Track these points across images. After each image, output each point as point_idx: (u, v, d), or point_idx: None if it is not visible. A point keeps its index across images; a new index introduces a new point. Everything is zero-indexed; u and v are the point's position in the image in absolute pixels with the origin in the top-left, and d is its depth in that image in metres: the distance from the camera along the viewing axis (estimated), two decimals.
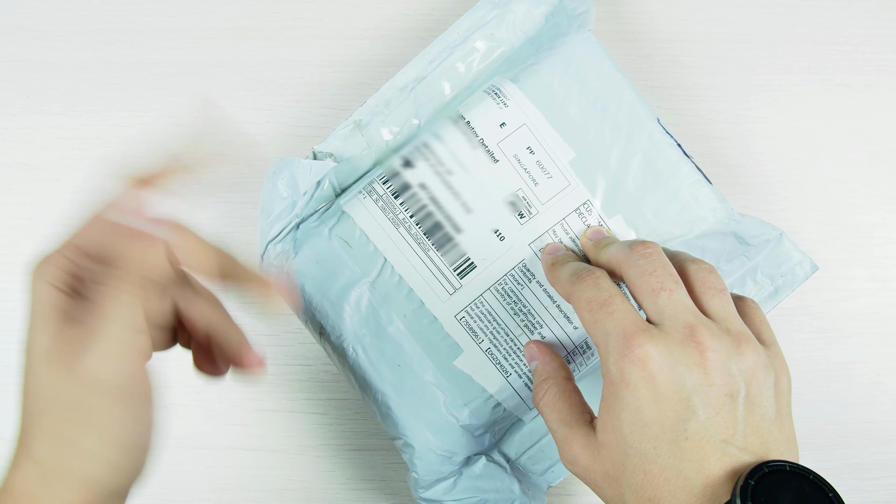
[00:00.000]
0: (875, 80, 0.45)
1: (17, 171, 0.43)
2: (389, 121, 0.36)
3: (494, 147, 0.35)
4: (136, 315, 0.26)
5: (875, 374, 0.43)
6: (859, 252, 0.44)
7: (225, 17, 0.45)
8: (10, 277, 0.43)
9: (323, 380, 0.42)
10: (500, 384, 0.35)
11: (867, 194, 0.44)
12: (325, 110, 0.44)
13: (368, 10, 0.45)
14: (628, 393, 0.27)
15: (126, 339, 0.25)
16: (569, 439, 0.30)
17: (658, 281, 0.28)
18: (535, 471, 0.37)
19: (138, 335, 0.26)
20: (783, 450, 0.26)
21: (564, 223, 0.34)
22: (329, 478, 0.42)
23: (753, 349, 0.27)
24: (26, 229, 0.43)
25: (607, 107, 0.35)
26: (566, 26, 0.37)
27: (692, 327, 0.27)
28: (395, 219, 0.34)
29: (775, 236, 0.36)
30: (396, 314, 0.34)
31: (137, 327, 0.26)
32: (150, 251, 0.27)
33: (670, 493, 0.25)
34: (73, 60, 0.44)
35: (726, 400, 0.26)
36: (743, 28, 0.45)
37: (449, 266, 0.34)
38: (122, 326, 0.25)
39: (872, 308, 0.44)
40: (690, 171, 0.35)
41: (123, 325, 0.25)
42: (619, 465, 0.27)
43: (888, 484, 0.42)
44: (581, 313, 0.29)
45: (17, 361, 0.42)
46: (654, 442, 0.26)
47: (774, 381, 0.27)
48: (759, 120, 0.45)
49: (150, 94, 0.44)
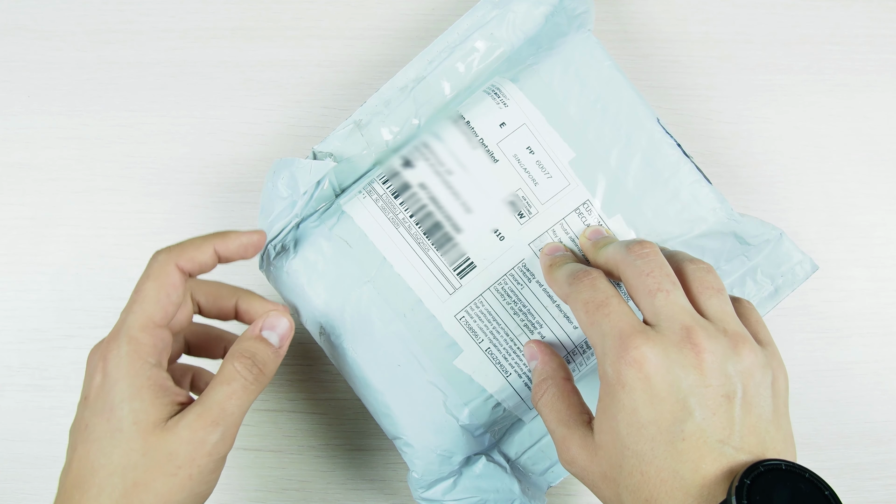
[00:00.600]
0: (875, 80, 0.45)
1: (17, 171, 0.43)
2: (389, 121, 0.36)
3: (494, 147, 0.35)
4: (249, 395, 0.30)
5: (875, 374, 0.43)
6: (859, 252, 0.44)
7: (225, 17, 0.45)
8: (10, 278, 0.43)
9: (323, 380, 0.42)
10: (499, 384, 0.35)
11: (867, 194, 0.44)
12: (325, 110, 0.44)
13: (368, 10, 0.45)
14: (625, 394, 0.27)
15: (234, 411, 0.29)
16: (567, 440, 0.30)
17: (655, 282, 0.28)
18: (535, 471, 0.37)
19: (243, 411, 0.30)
20: (780, 449, 0.26)
21: (564, 223, 0.34)
22: (329, 478, 0.42)
23: (750, 349, 0.27)
24: (26, 229, 0.43)
25: (607, 107, 0.35)
26: (566, 26, 0.37)
27: (688, 328, 0.27)
28: (394, 218, 0.34)
29: (775, 236, 0.36)
30: (396, 314, 0.34)
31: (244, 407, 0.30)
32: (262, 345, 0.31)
33: (667, 494, 0.25)
34: (73, 60, 0.44)
35: (723, 400, 0.26)
36: (743, 28, 0.45)
37: (449, 266, 0.34)
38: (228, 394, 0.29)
39: (872, 308, 0.44)
40: (690, 171, 0.35)
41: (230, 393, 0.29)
42: (616, 466, 0.27)
43: (888, 484, 0.42)
44: (578, 314, 0.29)
45: (17, 361, 0.42)
46: (650, 443, 0.26)
47: (771, 380, 0.27)
48: (759, 120, 0.45)
49: (150, 94, 0.44)
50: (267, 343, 0.31)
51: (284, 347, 0.32)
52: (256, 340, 0.31)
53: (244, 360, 0.30)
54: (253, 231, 0.33)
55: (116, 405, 0.28)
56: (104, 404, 0.28)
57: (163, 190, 0.43)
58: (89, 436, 0.28)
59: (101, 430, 0.28)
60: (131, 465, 0.27)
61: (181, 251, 0.31)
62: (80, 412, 0.29)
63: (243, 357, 0.30)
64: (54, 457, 0.41)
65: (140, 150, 0.44)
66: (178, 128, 0.44)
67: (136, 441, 0.28)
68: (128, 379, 0.28)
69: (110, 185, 0.43)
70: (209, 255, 0.31)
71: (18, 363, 0.42)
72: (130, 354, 0.28)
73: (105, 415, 0.28)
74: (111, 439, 0.28)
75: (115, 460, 0.27)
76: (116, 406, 0.28)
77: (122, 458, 0.27)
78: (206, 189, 0.43)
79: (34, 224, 0.43)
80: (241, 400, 0.29)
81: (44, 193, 0.43)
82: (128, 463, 0.27)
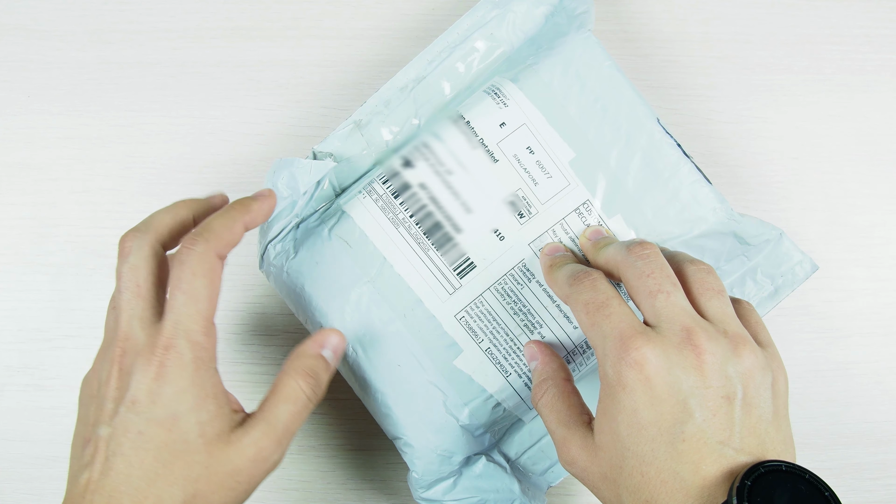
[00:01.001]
0: (875, 80, 0.45)
1: (17, 171, 0.43)
2: (389, 121, 0.36)
3: (494, 147, 0.35)
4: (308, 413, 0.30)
5: (875, 374, 0.43)
6: (859, 252, 0.44)
7: (225, 17, 0.45)
8: (10, 278, 0.43)
9: None
10: (499, 384, 0.35)
11: (867, 194, 0.44)
12: (325, 110, 0.44)
13: (368, 10, 0.45)
14: (625, 395, 0.27)
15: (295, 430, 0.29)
16: (567, 440, 0.30)
17: (655, 283, 0.28)
18: (535, 471, 0.37)
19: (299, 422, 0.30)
20: (780, 450, 0.26)
21: (564, 223, 0.34)
22: (329, 478, 0.42)
23: (751, 351, 0.27)
24: (26, 229, 0.43)
25: (607, 107, 0.35)
26: (566, 26, 0.37)
27: (689, 330, 0.27)
28: (394, 218, 0.34)
29: (775, 236, 0.36)
30: (396, 314, 0.34)
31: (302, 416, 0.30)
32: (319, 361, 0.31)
33: (667, 495, 0.25)
34: (73, 60, 0.44)
35: (723, 402, 0.26)
36: (743, 28, 0.45)
37: (449, 266, 0.34)
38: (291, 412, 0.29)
39: (872, 308, 0.44)
40: (690, 171, 0.35)
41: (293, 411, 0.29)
42: (616, 467, 0.27)
43: (888, 484, 0.42)
44: (578, 315, 0.29)
45: (17, 361, 0.42)
46: (650, 444, 0.26)
47: (772, 382, 0.28)
48: (759, 120, 0.45)
49: (150, 94, 0.44)
50: (325, 360, 0.31)
51: (336, 365, 0.32)
52: (319, 359, 0.31)
53: (310, 379, 0.30)
54: (267, 195, 0.32)
55: (181, 416, 0.27)
56: (164, 413, 0.27)
57: (163, 190, 0.43)
58: (144, 444, 0.26)
59: (161, 440, 0.26)
60: (193, 478, 0.27)
61: (218, 239, 0.29)
62: (123, 415, 0.27)
63: (308, 377, 0.30)
64: (54, 457, 0.41)
65: (140, 150, 0.44)
66: (178, 128, 0.44)
67: (201, 454, 0.27)
68: (194, 388, 0.27)
69: (110, 185, 0.43)
70: (241, 235, 0.30)
71: (18, 363, 0.42)
72: (195, 361, 0.27)
73: (166, 424, 0.27)
74: (172, 450, 0.26)
75: (177, 472, 0.26)
76: (181, 417, 0.27)
77: (184, 469, 0.26)
78: (206, 189, 0.43)
79: (34, 224, 0.43)
80: (302, 419, 0.29)
81: (44, 193, 0.43)
82: (189, 475, 0.26)
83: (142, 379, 0.27)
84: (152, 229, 0.30)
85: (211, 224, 0.29)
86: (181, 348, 0.27)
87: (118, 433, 0.27)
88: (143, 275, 0.29)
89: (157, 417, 0.27)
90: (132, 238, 0.29)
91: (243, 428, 0.28)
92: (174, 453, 0.26)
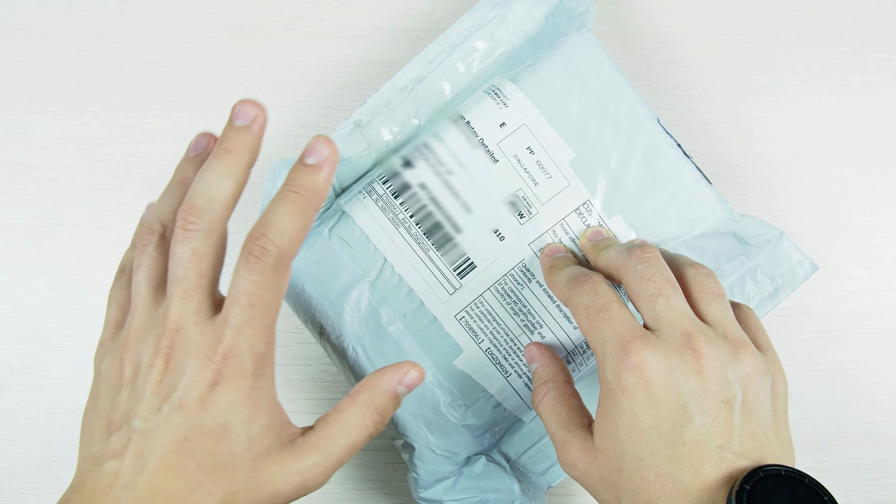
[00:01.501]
0: (875, 80, 0.45)
1: (17, 171, 0.43)
2: (389, 121, 0.36)
3: (494, 147, 0.35)
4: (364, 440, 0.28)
5: (875, 374, 0.43)
6: (859, 252, 0.44)
7: (225, 17, 0.45)
8: (10, 278, 0.43)
9: (323, 380, 0.42)
10: (499, 384, 0.35)
11: (867, 194, 0.44)
12: (325, 110, 0.44)
13: (368, 10, 0.45)
14: (625, 399, 0.27)
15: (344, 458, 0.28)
16: (567, 443, 0.30)
17: (656, 286, 0.28)
18: (535, 471, 0.37)
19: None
20: (779, 454, 0.26)
21: (564, 223, 0.34)
22: None
23: (750, 355, 0.27)
24: (26, 229, 0.43)
25: (607, 107, 0.35)
26: (566, 26, 0.37)
27: (689, 334, 0.27)
28: (395, 219, 0.34)
29: (775, 236, 0.36)
30: (396, 314, 0.34)
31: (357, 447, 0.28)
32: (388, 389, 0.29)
33: (667, 499, 0.26)
34: (73, 60, 0.44)
35: (723, 406, 0.26)
36: (743, 28, 0.45)
37: (449, 266, 0.34)
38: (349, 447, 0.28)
39: (872, 308, 0.44)
40: (690, 171, 0.35)
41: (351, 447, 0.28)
42: (615, 471, 0.27)
43: (888, 484, 0.42)
44: (578, 318, 0.29)
45: (17, 361, 0.42)
46: (650, 448, 0.26)
47: (771, 386, 0.28)
48: (759, 120, 0.45)
49: (150, 94, 0.44)
50: (399, 398, 0.29)
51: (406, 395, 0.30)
52: (392, 396, 0.29)
53: (377, 417, 0.28)
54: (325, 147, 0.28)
55: (233, 428, 0.25)
56: (215, 422, 0.25)
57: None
58: (188, 450, 0.25)
59: (207, 450, 0.25)
60: (232, 491, 0.25)
61: (291, 247, 0.26)
62: (167, 415, 0.25)
63: (376, 413, 0.28)
64: (54, 457, 0.41)
65: (140, 150, 0.44)
66: (178, 128, 0.44)
67: (245, 469, 0.26)
68: (250, 401, 0.26)
69: (110, 185, 0.43)
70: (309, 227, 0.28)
71: (18, 363, 0.42)
72: (256, 373, 0.26)
73: (216, 434, 0.25)
74: (217, 461, 0.25)
75: (218, 483, 0.25)
76: (233, 429, 0.25)
77: (225, 482, 0.25)
78: None
79: (34, 224, 0.43)
80: (357, 450, 0.28)
81: (44, 193, 0.43)
82: (229, 488, 0.25)
83: (195, 383, 0.25)
84: (220, 209, 0.27)
85: (282, 227, 0.26)
86: (243, 359, 0.26)
87: (159, 433, 0.25)
88: (207, 264, 0.27)
89: (206, 426, 0.25)
90: (199, 216, 0.26)
91: (293, 452, 0.27)
92: (218, 465, 0.25)
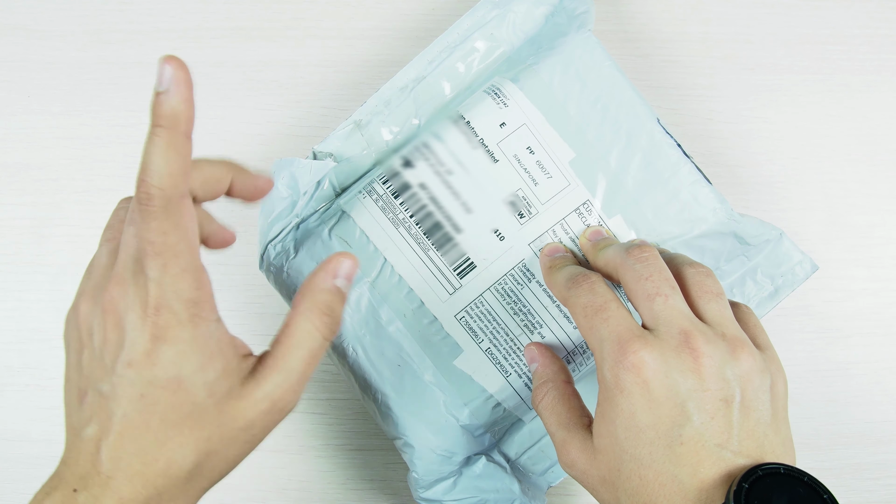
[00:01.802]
0: (875, 80, 0.45)
1: (17, 171, 0.43)
2: (389, 121, 0.36)
3: (494, 147, 0.35)
4: (324, 351, 0.27)
5: (875, 374, 0.43)
6: (859, 252, 0.44)
7: (225, 17, 0.45)
8: (10, 278, 0.43)
9: (323, 380, 0.42)
10: (499, 384, 0.35)
11: (867, 194, 0.44)
12: (325, 110, 0.44)
13: (368, 10, 0.45)
14: (623, 399, 0.27)
15: (311, 373, 0.27)
16: (567, 443, 0.30)
17: (654, 286, 0.28)
18: (535, 471, 0.37)
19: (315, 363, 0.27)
20: (779, 453, 0.26)
21: (564, 223, 0.34)
22: (329, 478, 0.42)
23: (749, 354, 0.27)
24: (26, 229, 0.43)
25: (607, 107, 0.35)
26: (566, 26, 0.37)
27: (687, 333, 0.27)
28: (394, 219, 0.34)
29: (775, 236, 0.36)
30: (396, 314, 0.34)
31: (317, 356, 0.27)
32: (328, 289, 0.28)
33: (666, 498, 0.26)
34: (73, 60, 0.44)
35: (721, 405, 0.26)
36: (743, 28, 0.45)
37: (449, 266, 0.34)
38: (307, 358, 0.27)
39: (872, 308, 0.44)
40: (690, 172, 0.35)
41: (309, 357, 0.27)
42: (615, 470, 0.27)
43: (888, 484, 0.42)
44: (577, 318, 0.29)
45: (17, 361, 0.42)
46: (649, 447, 0.26)
47: (770, 385, 0.28)
48: (759, 120, 0.45)
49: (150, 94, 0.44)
50: (341, 291, 0.28)
51: (349, 290, 0.29)
52: (332, 292, 0.28)
53: (325, 317, 0.27)
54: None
55: (185, 377, 0.25)
56: (166, 375, 0.25)
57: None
58: (148, 406, 0.25)
59: (167, 402, 0.25)
60: (204, 437, 0.25)
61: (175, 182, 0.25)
62: (122, 374, 0.25)
63: (324, 315, 0.27)
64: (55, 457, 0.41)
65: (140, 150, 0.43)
66: None
67: (212, 413, 0.25)
68: (195, 347, 0.25)
69: (110, 185, 0.43)
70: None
71: (18, 363, 0.42)
72: (193, 319, 0.25)
73: (171, 387, 0.25)
74: (180, 412, 0.25)
75: (187, 433, 0.25)
76: (186, 378, 0.25)
77: (194, 430, 0.25)
78: None
79: (34, 224, 0.43)
80: (318, 360, 0.27)
81: (44, 193, 0.43)
82: (201, 435, 0.25)
83: (137, 339, 0.25)
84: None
85: (157, 167, 0.25)
86: (174, 308, 0.25)
87: (119, 393, 0.25)
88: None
89: (158, 380, 0.25)
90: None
91: (255, 380, 0.26)
92: (182, 415, 0.25)
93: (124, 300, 0.25)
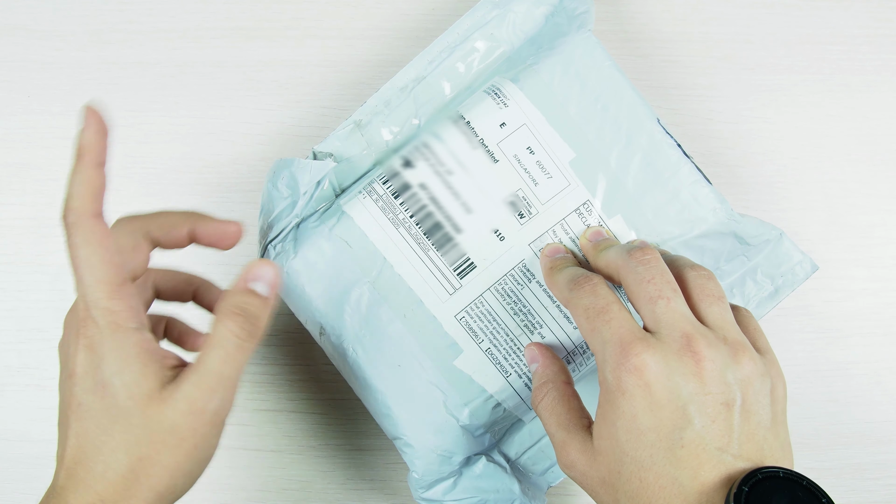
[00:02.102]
0: (875, 80, 0.45)
1: (17, 171, 0.43)
2: (389, 121, 0.36)
3: (494, 147, 0.35)
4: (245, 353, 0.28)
5: (875, 374, 0.43)
6: (859, 252, 0.44)
7: (225, 17, 0.45)
8: (10, 278, 0.43)
9: (323, 380, 0.42)
10: (500, 384, 0.35)
11: (867, 194, 0.44)
12: (325, 110, 0.44)
13: (368, 10, 0.45)
14: (624, 401, 0.27)
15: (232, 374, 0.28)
16: (566, 444, 0.30)
17: (656, 289, 0.28)
18: (535, 471, 0.37)
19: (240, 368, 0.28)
20: (778, 457, 0.27)
21: (564, 223, 0.34)
22: (329, 478, 0.42)
23: (750, 358, 0.27)
24: (26, 229, 0.43)
25: (607, 107, 0.35)
26: (566, 26, 0.37)
27: (689, 336, 0.27)
28: (395, 219, 0.34)
29: (775, 236, 0.36)
30: (396, 314, 0.34)
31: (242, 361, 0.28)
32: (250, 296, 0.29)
33: (666, 501, 0.26)
34: (73, 60, 0.44)
35: (722, 408, 0.26)
36: (743, 28, 0.45)
37: (449, 266, 0.34)
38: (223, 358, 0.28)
39: (872, 308, 0.44)
40: (690, 172, 0.35)
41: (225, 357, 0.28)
42: (615, 472, 0.27)
43: (888, 484, 0.42)
44: (578, 320, 0.29)
45: (17, 361, 0.42)
46: (649, 450, 0.26)
47: (770, 388, 0.28)
48: (759, 120, 0.45)
49: (150, 94, 0.44)
50: (256, 294, 0.29)
51: (273, 296, 0.30)
52: (245, 294, 0.29)
53: (236, 317, 0.28)
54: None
55: (108, 381, 0.27)
56: (94, 380, 0.27)
57: (163, 190, 0.43)
58: (84, 413, 0.27)
59: (97, 408, 0.27)
60: (134, 441, 0.26)
61: (78, 199, 0.28)
62: (68, 389, 0.28)
63: (235, 315, 0.28)
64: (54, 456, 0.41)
65: (140, 150, 0.44)
66: (178, 128, 0.44)
67: (135, 416, 0.26)
68: (114, 352, 0.27)
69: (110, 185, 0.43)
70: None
71: (18, 363, 0.42)
72: (110, 326, 0.27)
73: (98, 392, 0.27)
74: (108, 416, 0.27)
75: (117, 437, 0.26)
76: (108, 382, 0.27)
77: (123, 434, 0.26)
78: (206, 189, 0.43)
79: (34, 224, 0.43)
80: (238, 361, 0.28)
81: (44, 193, 0.43)
82: (130, 439, 0.26)
83: (75, 352, 0.27)
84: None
85: (67, 188, 0.28)
86: (96, 319, 0.27)
87: (66, 406, 0.28)
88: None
89: (89, 386, 0.27)
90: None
91: (175, 383, 0.27)
92: (111, 419, 0.26)
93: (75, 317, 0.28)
